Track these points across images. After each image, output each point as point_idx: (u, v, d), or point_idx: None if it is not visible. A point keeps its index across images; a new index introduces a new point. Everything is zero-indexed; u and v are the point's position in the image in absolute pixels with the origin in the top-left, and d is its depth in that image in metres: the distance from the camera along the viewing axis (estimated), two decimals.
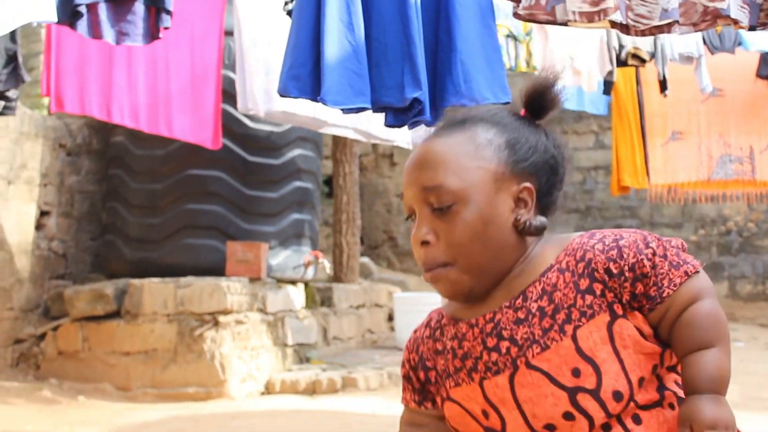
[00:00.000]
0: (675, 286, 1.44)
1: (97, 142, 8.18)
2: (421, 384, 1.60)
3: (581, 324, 1.42)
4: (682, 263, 1.46)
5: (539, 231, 1.51)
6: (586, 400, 1.41)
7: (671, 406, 1.44)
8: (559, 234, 1.56)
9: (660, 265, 1.45)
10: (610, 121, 7.39)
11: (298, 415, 6.25)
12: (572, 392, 1.41)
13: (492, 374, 1.47)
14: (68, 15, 4.91)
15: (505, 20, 5.81)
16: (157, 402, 6.71)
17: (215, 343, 6.74)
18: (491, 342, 1.48)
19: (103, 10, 5.08)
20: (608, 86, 6.65)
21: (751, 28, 3.85)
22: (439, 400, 1.58)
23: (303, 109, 5.99)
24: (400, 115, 3.64)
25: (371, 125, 6.26)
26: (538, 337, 1.44)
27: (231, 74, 6.27)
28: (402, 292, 10.25)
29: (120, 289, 7.03)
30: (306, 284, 8.17)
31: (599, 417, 1.41)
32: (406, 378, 1.62)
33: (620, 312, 1.42)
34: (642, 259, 1.44)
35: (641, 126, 7.02)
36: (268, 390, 7.07)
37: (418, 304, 8.83)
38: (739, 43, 6.57)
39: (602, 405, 1.40)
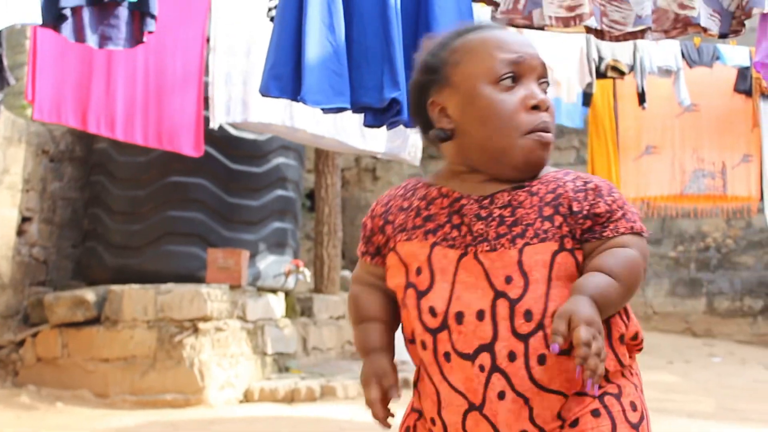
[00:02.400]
0: (617, 232, 1.58)
1: (80, 148, 8.20)
2: (373, 235, 1.72)
3: (531, 243, 1.55)
4: (634, 221, 1.60)
5: None
6: (502, 306, 1.53)
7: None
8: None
9: (615, 212, 1.59)
10: None
11: (276, 422, 6.26)
12: (497, 294, 1.54)
13: (447, 245, 1.60)
14: (53, 18, 4.94)
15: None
16: (136, 409, 6.70)
17: (194, 350, 6.75)
18: (456, 220, 1.61)
19: (86, 14, 5.13)
20: (588, 98, 6.73)
21: (722, 36, 3.93)
22: (386, 252, 1.69)
23: (279, 118, 6.06)
24: (378, 116, 3.68)
25: (348, 135, 6.32)
26: (491, 238, 1.57)
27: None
28: None
29: (100, 296, 7.03)
30: (287, 293, 8.19)
31: (504, 327, 1.53)
32: (364, 225, 1.75)
33: (569, 246, 1.56)
34: (600, 202, 1.59)
35: (617, 139, 7.08)
36: (247, 398, 7.07)
37: None
38: (717, 58, 6.67)
39: (512, 316, 1.53)
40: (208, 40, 6.22)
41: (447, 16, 3.64)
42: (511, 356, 1.52)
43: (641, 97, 6.50)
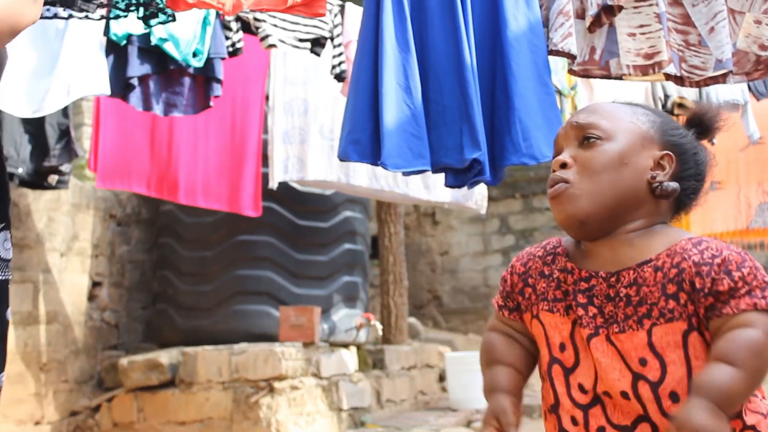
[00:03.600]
0: (738, 309, 1.50)
1: (146, 211, 8.25)
2: (512, 292, 1.74)
3: (659, 323, 1.53)
4: (758, 297, 1.50)
5: (670, 194, 1.64)
6: (644, 389, 1.52)
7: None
8: (679, 228, 1.69)
9: (740, 289, 1.50)
10: None
11: None
12: (635, 377, 1.53)
13: (581, 325, 1.60)
14: (121, 87, 5.00)
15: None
16: None
17: (271, 410, 6.70)
18: (582, 299, 1.61)
19: (152, 82, 5.18)
20: None
21: None
22: (527, 315, 1.71)
23: (335, 176, 6.07)
24: (459, 176, 3.64)
25: (409, 187, 6.29)
26: (620, 319, 1.56)
27: None
28: (452, 352, 10.16)
29: (174, 358, 7.02)
30: (358, 347, 8.13)
31: (653, 409, 1.51)
32: (503, 280, 1.76)
33: (696, 324, 1.52)
34: (724, 279, 1.51)
35: None
36: None
37: (470, 363, 8.74)
38: None
39: (657, 399, 1.51)
40: (267, 99, 6.25)
41: (524, 72, 3.59)
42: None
43: None
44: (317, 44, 5.10)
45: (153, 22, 3.55)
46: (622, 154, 1.62)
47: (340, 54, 5.10)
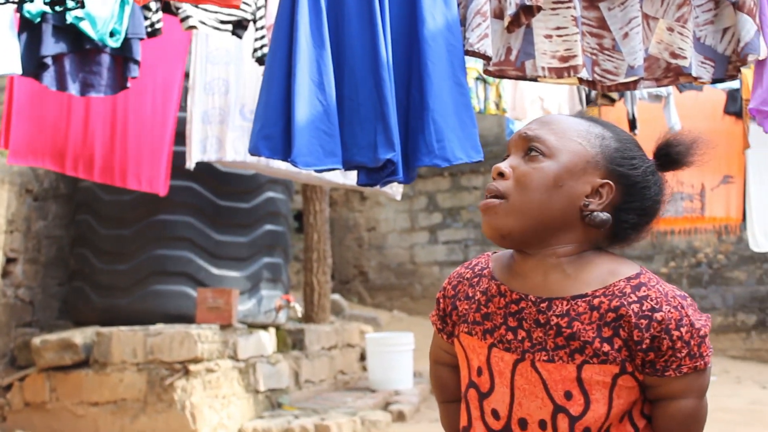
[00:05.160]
0: (679, 373, 1.53)
1: (65, 186, 8.08)
2: (445, 315, 1.76)
3: (591, 362, 1.52)
4: (697, 356, 1.54)
5: (599, 225, 1.60)
6: (563, 422, 1.53)
7: None
8: (615, 255, 1.65)
9: (679, 350, 1.53)
10: None
11: None
12: (556, 409, 1.53)
13: (503, 347, 1.60)
14: (34, 67, 4.85)
15: (474, 63, 5.81)
16: None
17: (186, 393, 6.64)
18: (512, 322, 1.59)
19: (68, 62, 5.03)
20: None
21: (715, 81, 3.87)
22: (455, 333, 1.72)
23: (253, 157, 5.99)
24: (372, 174, 3.60)
25: (329, 173, 6.25)
26: (549, 348, 1.55)
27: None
28: (374, 332, 10.18)
29: (88, 338, 6.91)
30: (277, 328, 8.09)
31: None
32: (437, 301, 1.79)
33: (630, 369, 1.53)
34: (665, 339, 1.52)
35: None
36: None
37: (391, 344, 8.78)
38: None
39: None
40: (186, 77, 6.15)
41: (440, 71, 3.56)
42: None
43: (632, 124, 6.44)
44: (239, 26, 5.01)
45: (58, 8, 3.44)
46: (558, 175, 1.59)
47: (263, 37, 5.01)
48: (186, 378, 6.65)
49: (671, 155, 1.70)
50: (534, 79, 3.79)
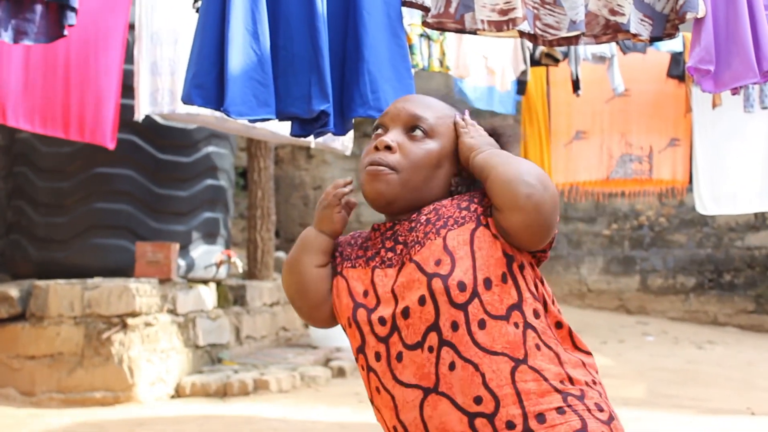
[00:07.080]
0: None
1: (2, 138, 7.93)
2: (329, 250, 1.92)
3: (453, 228, 1.73)
4: None
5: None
6: (436, 284, 1.67)
7: (516, 326, 1.67)
8: None
9: None
10: None
11: (207, 421, 6.14)
12: (430, 277, 1.68)
13: (385, 266, 1.78)
14: None
15: (419, 20, 5.77)
16: (63, 407, 6.53)
17: (123, 347, 6.60)
18: (389, 244, 1.80)
19: (1, 8, 4.90)
20: (522, 86, 6.64)
21: (654, 40, 3.87)
22: (338, 270, 1.88)
23: (208, 109, 5.88)
24: (306, 126, 3.56)
25: (279, 125, 6.16)
26: (420, 238, 1.75)
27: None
28: None
29: (25, 291, 6.82)
30: (218, 283, 8.05)
31: (443, 301, 1.66)
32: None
33: (484, 222, 1.73)
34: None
35: (549, 126, 7.07)
36: (178, 393, 6.94)
37: None
38: (651, 44, 6.64)
39: (447, 290, 1.66)
40: (132, 28, 6.01)
41: (376, 22, 3.52)
42: (454, 326, 1.66)
43: (575, 84, 6.45)
44: None
45: None
46: (439, 156, 1.82)
47: None
48: (124, 332, 6.60)
49: (500, 141, 1.92)
50: (473, 32, 3.75)
